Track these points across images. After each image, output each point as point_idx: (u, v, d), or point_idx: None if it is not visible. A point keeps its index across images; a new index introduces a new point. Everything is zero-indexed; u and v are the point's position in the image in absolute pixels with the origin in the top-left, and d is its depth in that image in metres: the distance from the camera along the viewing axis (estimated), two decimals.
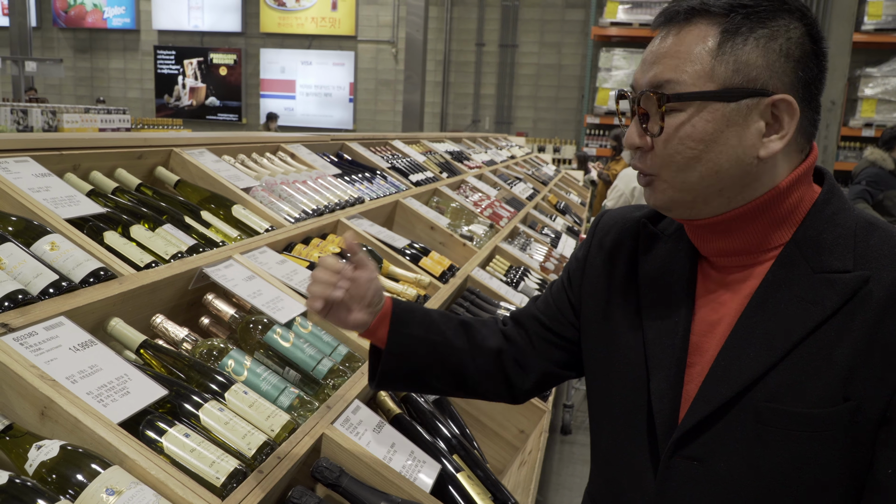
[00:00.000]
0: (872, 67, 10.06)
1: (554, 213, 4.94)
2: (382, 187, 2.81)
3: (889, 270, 0.84)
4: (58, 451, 0.90)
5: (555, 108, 13.55)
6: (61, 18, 15.47)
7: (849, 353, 0.83)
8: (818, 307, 0.85)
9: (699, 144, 0.86)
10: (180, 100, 15.20)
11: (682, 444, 0.92)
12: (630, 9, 11.13)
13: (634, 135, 0.91)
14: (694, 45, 0.86)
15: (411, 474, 1.24)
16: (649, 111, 0.90)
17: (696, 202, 0.90)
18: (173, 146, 1.94)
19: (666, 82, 0.87)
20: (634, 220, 1.07)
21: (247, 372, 1.24)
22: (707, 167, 0.87)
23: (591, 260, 1.11)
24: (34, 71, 11.91)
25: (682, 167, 0.88)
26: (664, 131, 0.88)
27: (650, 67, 0.90)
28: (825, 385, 0.83)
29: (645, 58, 0.92)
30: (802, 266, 0.88)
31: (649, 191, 0.94)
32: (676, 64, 0.87)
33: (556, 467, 3.56)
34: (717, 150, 0.86)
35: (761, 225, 0.91)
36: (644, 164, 0.92)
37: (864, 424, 0.83)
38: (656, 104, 0.88)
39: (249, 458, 1.04)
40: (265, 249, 1.70)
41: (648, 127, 0.90)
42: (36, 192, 1.37)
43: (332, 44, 14.50)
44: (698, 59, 0.86)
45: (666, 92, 0.87)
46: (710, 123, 0.86)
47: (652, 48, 0.91)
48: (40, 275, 1.15)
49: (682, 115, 0.86)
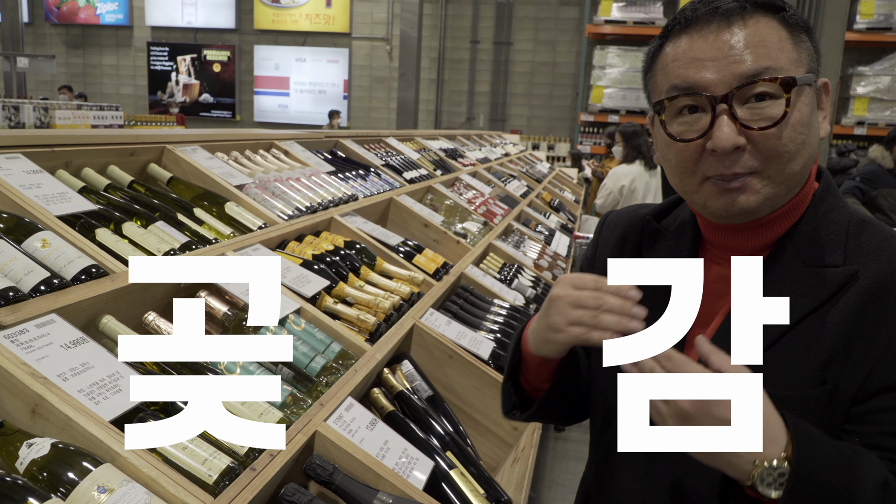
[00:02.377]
0: (864, 66, 10.11)
1: (548, 210, 4.94)
2: (376, 184, 2.81)
3: (874, 263, 0.87)
4: (49, 448, 0.90)
5: (549, 106, 13.55)
6: (53, 14, 15.38)
7: (831, 339, 0.86)
8: (807, 299, 0.88)
9: (805, 129, 0.87)
10: (174, 96, 15.14)
11: None
12: (624, 6, 11.13)
13: (733, 134, 0.85)
14: (771, 35, 0.86)
15: (404, 471, 1.24)
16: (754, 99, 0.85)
17: (785, 195, 0.90)
18: (166, 143, 1.93)
19: (765, 69, 0.85)
20: (640, 217, 1.10)
21: (239, 369, 1.24)
22: (808, 152, 0.88)
23: (599, 257, 1.15)
24: (26, 67, 11.84)
25: (792, 156, 0.86)
26: (786, 117, 0.85)
27: (739, 59, 0.85)
28: (805, 369, 0.87)
29: (713, 55, 0.86)
30: (794, 260, 0.91)
31: (739, 195, 0.88)
32: (768, 52, 0.85)
33: (550, 464, 3.57)
34: (812, 133, 0.88)
35: (787, 220, 0.93)
36: (742, 165, 0.86)
37: (838, 406, 0.86)
38: (780, 90, 0.84)
39: (242, 456, 1.04)
40: (258, 247, 1.70)
41: (753, 118, 0.85)
42: (27, 188, 1.36)
43: (327, 41, 14.46)
44: (784, 47, 0.86)
45: (776, 76, 0.84)
46: (808, 107, 0.87)
47: (717, 43, 0.86)
48: (31, 272, 1.15)
49: (792, 101, 0.85)
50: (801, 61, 0.87)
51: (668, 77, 0.91)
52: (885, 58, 10.02)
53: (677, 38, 0.90)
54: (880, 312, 0.85)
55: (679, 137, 0.90)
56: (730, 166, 0.86)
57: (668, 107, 0.91)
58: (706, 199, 0.91)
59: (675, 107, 0.90)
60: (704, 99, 0.87)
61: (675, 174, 0.94)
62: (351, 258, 1.94)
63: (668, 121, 0.91)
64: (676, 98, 0.89)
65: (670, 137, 0.91)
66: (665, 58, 0.92)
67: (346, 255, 1.93)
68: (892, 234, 0.90)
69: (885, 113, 9.97)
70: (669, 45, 0.92)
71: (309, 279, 1.67)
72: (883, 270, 0.86)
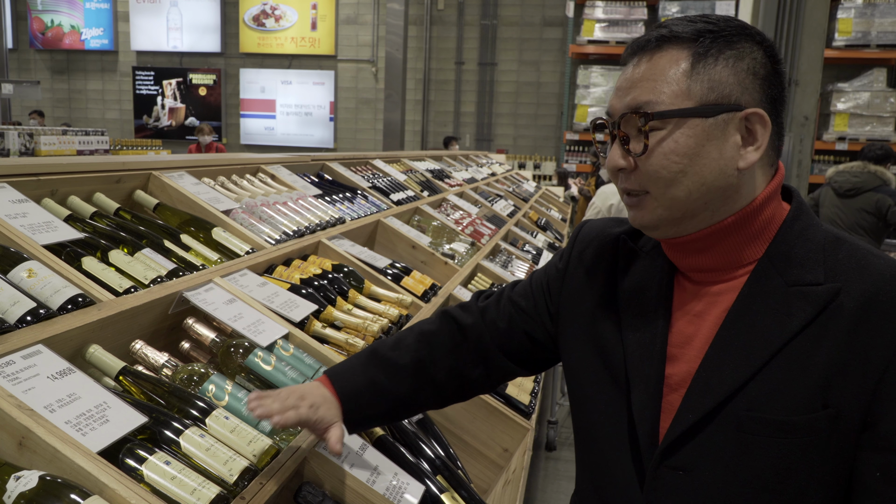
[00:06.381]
0: (844, 83, 10.27)
1: (535, 229, 4.96)
2: (363, 207, 2.82)
3: (858, 282, 0.88)
4: (37, 481, 0.89)
5: (534, 126, 13.65)
6: (38, 40, 15.37)
7: (825, 361, 0.86)
8: (793, 318, 0.89)
9: (683, 158, 0.90)
10: (159, 120, 15.13)
11: (668, 455, 0.95)
12: (607, 27, 11.28)
13: (618, 157, 0.95)
14: (668, 69, 0.91)
15: (395, 497, 1.24)
16: (629, 133, 0.94)
17: (684, 218, 0.94)
18: (152, 169, 1.93)
19: (645, 103, 0.91)
20: (614, 237, 1.11)
21: (228, 397, 1.24)
22: (693, 180, 0.91)
23: (572, 271, 1.15)
24: (11, 93, 11.80)
25: (670, 182, 0.92)
26: (647, 148, 0.91)
27: (627, 92, 0.94)
28: (803, 393, 0.87)
29: (620, 85, 0.96)
30: (776, 280, 0.92)
31: (636, 211, 0.97)
32: (653, 86, 0.91)
33: (542, 484, 3.56)
34: (700, 163, 0.90)
35: (736, 240, 0.95)
36: (630, 183, 0.95)
37: (844, 431, 0.86)
38: (638, 124, 0.92)
39: (231, 485, 1.04)
40: (246, 272, 1.70)
41: (631, 147, 0.94)
42: (13, 218, 1.36)
43: (312, 63, 14.52)
44: (674, 81, 0.91)
45: (647, 111, 0.91)
46: (692, 138, 0.90)
47: (626, 76, 0.96)
48: (17, 302, 1.14)
49: (663, 132, 0.91)
50: (690, 94, 0.90)
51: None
52: (863, 74, 10.19)
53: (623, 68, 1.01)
54: (871, 334, 0.85)
55: (602, 155, 1.01)
56: (622, 182, 0.97)
57: (597, 127, 1.06)
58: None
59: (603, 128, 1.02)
60: (609, 123, 0.98)
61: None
62: (339, 282, 1.94)
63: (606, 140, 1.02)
64: (598, 120, 1.03)
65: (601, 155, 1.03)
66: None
67: (333, 279, 1.93)
68: (870, 251, 0.91)
69: (866, 128, 10.11)
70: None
71: (297, 304, 1.67)
72: (868, 290, 0.86)
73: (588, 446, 1.09)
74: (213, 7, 14.60)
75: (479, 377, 1.22)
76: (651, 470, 0.96)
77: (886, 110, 10.02)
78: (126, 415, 1.05)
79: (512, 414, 1.97)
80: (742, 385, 0.89)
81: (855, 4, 9.98)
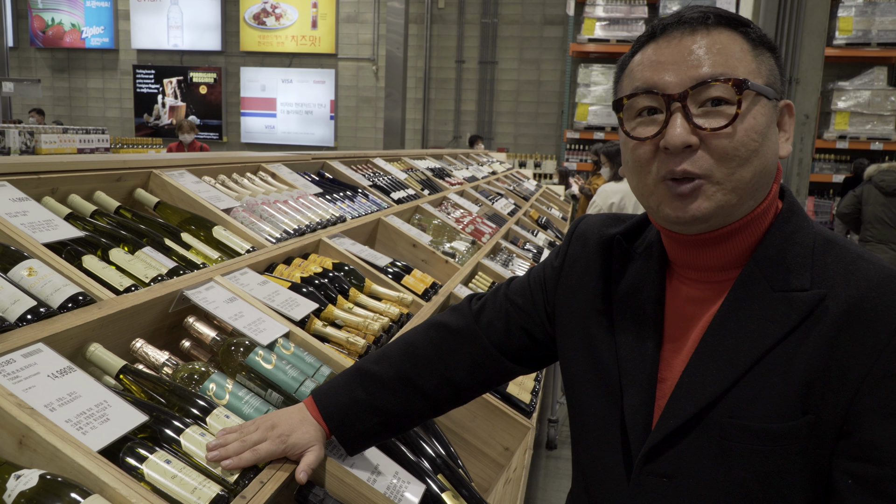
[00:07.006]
0: (844, 81, 10.27)
1: (535, 228, 4.96)
2: (364, 205, 2.82)
3: (844, 288, 0.86)
4: (37, 480, 0.89)
5: (535, 124, 13.65)
6: (39, 38, 15.37)
7: (805, 368, 0.84)
8: (777, 325, 0.87)
9: (759, 137, 0.87)
10: (160, 119, 15.13)
11: (650, 459, 0.94)
12: (607, 25, 11.28)
13: (685, 132, 0.86)
14: (733, 45, 0.88)
15: (395, 495, 1.24)
16: (693, 108, 0.87)
17: (738, 206, 0.89)
18: (153, 168, 1.93)
19: (721, 74, 0.86)
20: (609, 237, 1.09)
21: (228, 395, 1.24)
22: (760, 162, 0.88)
23: (567, 270, 1.14)
24: (11, 91, 11.80)
25: (743, 162, 0.86)
26: (738, 117, 0.86)
27: (697, 63, 0.87)
28: (783, 400, 0.85)
29: (673, 59, 0.88)
30: (762, 284, 0.90)
31: (689, 201, 0.88)
32: (726, 60, 0.87)
33: (542, 482, 3.56)
34: (767, 144, 0.88)
35: (744, 238, 0.92)
36: (692, 164, 0.87)
37: (822, 438, 0.85)
38: (717, 94, 0.86)
39: (232, 484, 1.04)
40: (246, 271, 1.70)
41: (703, 122, 0.86)
42: (13, 216, 1.36)
43: (313, 62, 14.52)
44: (744, 58, 0.88)
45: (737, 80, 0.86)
46: (764, 117, 0.88)
47: (680, 49, 0.88)
48: (18, 301, 1.14)
49: (743, 108, 0.86)
50: (760, 73, 0.88)
51: (632, 80, 0.93)
52: (864, 72, 10.19)
53: (645, 47, 0.93)
54: (854, 341, 0.83)
55: (635, 135, 0.91)
56: (680, 163, 0.87)
57: (627, 106, 0.92)
58: (660, 203, 0.91)
59: (635, 108, 0.92)
60: (661, 98, 0.88)
61: (633, 175, 0.95)
62: (339, 280, 1.94)
63: (626, 120, 0.93)
64: (635, 97, 0.91)
65: (626, 135, 0.93)
66: (632, 64, 0.94)
67: (334, 278, 1.93)
68: (860, 256, 0.89)
69: (866, 127, 10.12)
70: (638, 55, 0.94)
71: (297, 302, 1.67)
72: (853, 296, 0.84)
73: (581, 448, 1.09)
74: (214, 5, 14.60)
75: (473, 381, 1.21)
76: (634, 475, 0.95)
77: (887, 109, 10.03)
78: (126, 413, 1.05)
79: (513, 413, 1.97)
80: (724, 391, 0.88)
81: (855, 3, 9.98)
